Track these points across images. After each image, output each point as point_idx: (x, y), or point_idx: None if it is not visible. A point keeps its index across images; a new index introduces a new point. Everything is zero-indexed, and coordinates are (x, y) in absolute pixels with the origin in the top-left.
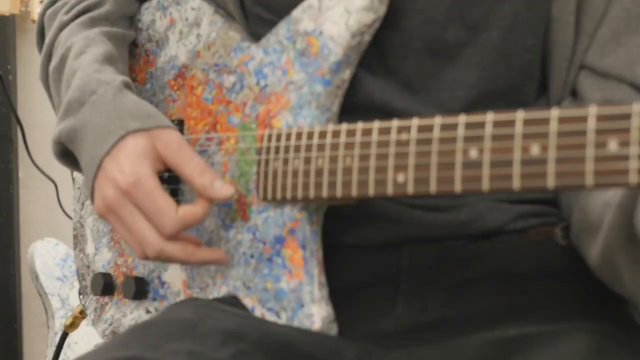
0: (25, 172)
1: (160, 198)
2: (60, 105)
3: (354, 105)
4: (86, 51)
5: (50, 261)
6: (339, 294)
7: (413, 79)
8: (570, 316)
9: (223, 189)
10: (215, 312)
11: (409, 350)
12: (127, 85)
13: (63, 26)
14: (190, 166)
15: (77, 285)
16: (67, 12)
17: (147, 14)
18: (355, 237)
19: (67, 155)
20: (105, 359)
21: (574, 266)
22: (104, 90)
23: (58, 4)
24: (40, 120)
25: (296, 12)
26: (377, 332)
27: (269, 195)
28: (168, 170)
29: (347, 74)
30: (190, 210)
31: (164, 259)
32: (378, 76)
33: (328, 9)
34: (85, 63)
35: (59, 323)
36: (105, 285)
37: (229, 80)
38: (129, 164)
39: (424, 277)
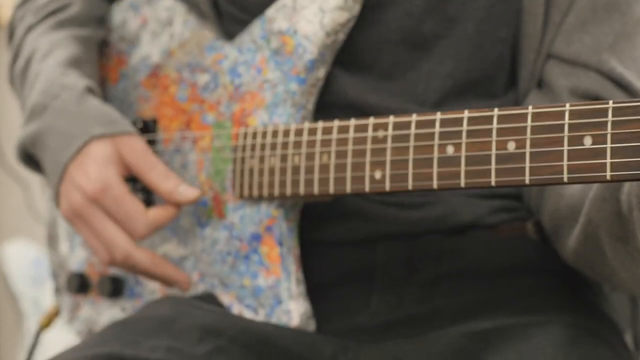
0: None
1: (130, 203)
2: (24, 109)
3: (327, 103)
4: (51, 54)
5: (21, 263)
6: (315, 290)
7: (389, 72)
8: (544, 309)
9: (187, 192)
10: (193, 309)
11: (383, 344)
12: (90, 90)
13: (30, 28)
14: (155, 172)
15: (49, 287)
16: (35, 13)
17: (118, 14)
18: (330, 233)
19: (31, 160)
20: (84, 355)
21: (546, 260)
22: (68, 95)
23: (28, 6)
24: (7, 121)
25: (270, 12)
26: (353, 327)
27: (245, 193)
28: (132, 178)
29: (321, 72)
30: (160, 212)
31: (129, 266)
32: (352, 72)
33: (302, 8)
34: (49, 66)
35: (32, 326)
36: (80, 285)
37: (202, 79)
38: (96, 170)
39: (398, 273)
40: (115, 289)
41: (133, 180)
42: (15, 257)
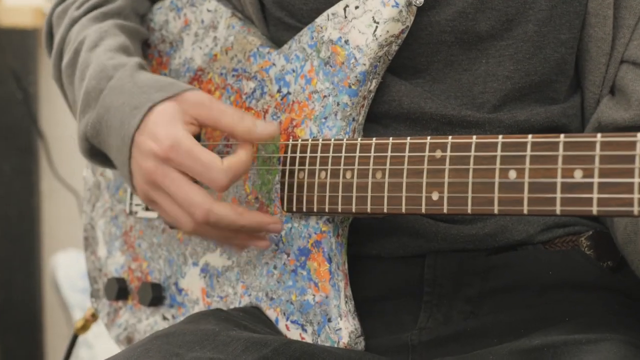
0: (47, 184)
1: (203, 154)
2: (77, 101)
3: (381, 113)
4: (100, 44)
5: (72, 273)
6: (363, 305)
7: (444, 73)
8: (596, 326)
9: (267, 127)
10: (237, 327)
11: None
12: (141, 66)
13: (74, 22)
14: (228, 116)
15: None
16: (78, 7)
17: (159, 14)
18: (378, 248)
19: (96, 153)
20: None
21: (599, 276)
22: (121, 73)
23: (67, 2)
24: (62, 132)
25: (320, 20)
26: (401, 344)
27: (294, 207)
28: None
29: (373, 84)
30: (236, 159)
31: (213, 222)
32: (406, 78)
33: (354, 18)
34: (99, 54)
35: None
36: (119, 290)
37: (248, 86)
38: (162, 130)
39: (446, 288)
40: (155, 296)
41: None
42: (67, 266)
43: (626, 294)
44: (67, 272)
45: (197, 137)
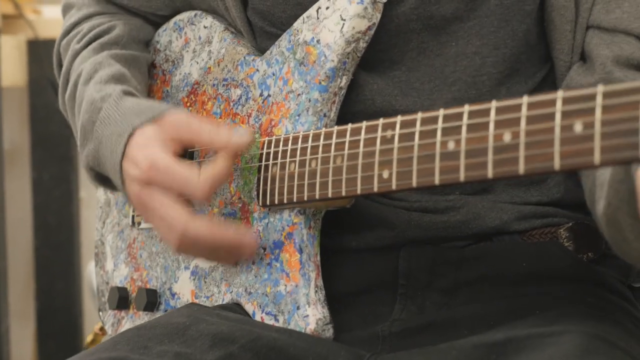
0: (86, 192)
1: (179, 169)
2: (76, 134)
3: (356, 112)
4: (93, 76)
5: None
6: (339, 299)
7: (418, 61)
8: (563, 319)
9: (242, 137)
10: (208, 317)
11: (397, 354)
12: (126, 93)
13: (75, 54)
14: (205, 132)
15: None
16: (79, 40)
17: (164, 36)
18: (353, 240)
19: (104, 179)
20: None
21: (575, 268)
22: (107, 103)
23: (71, 34)
24: None
25: (297, 24)
26: (373, 335)
27: (268, 200)
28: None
29: (343, 81)
30: (212, 169)
31: (192, 240)
32: (383, 72)
33: (325, 18)
34: (90, 87)
35: None
36: (120, 299)
37: (235, 93)
38: (140, 154)
39: (420, 280)
40: (149, 301)
41: None
42: None
43: (604, 286)
44: None
45: (191, 154)
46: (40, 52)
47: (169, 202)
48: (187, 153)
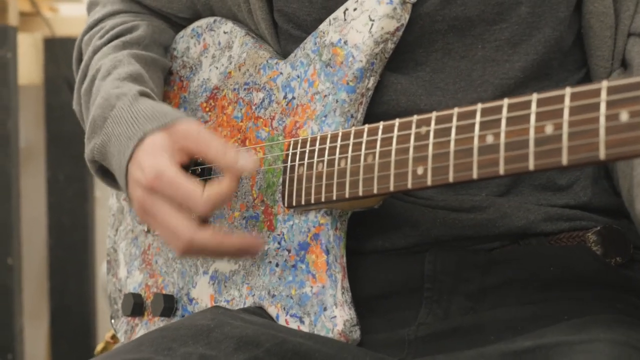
0: (100, 192)
1: (184, 183)
2: (86, 126)
3: (380, 114)
4: (112, 72)
5: None
6: (365, 303)
7: (443, 62)
8: (593, 326)
9: (247, 163)
10: (233, 320)
11: (424, 359)
12: (143, 94)
13: (96, 50)
14: (213, 149)
15: None
16: (102, 37)
17: (182, 42)
18: (380, 241)
19: (106, 173)
20: None
21: (603, 273)
22: (122, 102)
23: (94, 30)
24: None
25: (323, 26)
26: (399, 339)
27: (294, 201)
28: (196, 162)
29: (371, 82)
30: (216, 188)
31: (198, 250)
32: (407, 72)
33: (352, 19)
34: (108, 82)
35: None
36: (134, 305)
37: (257, 96)
38: (148, 161)
39: (446, 283)
40: (167, 307)
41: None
42: None
43: (632, 292)
44: None
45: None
46: (56, 51)
47: (173, 211)
48: (192, 163)
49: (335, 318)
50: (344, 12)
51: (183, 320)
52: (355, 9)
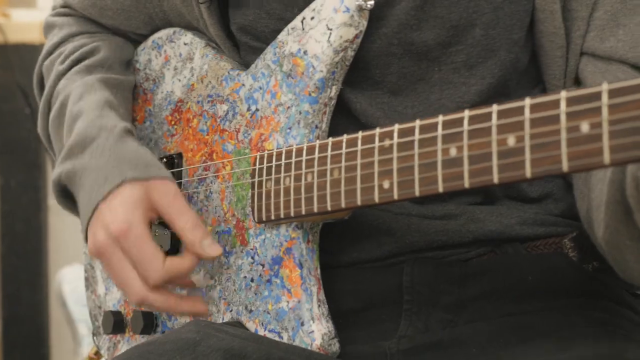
0: (54, 199)
1: (148, 247)
2: (61, 150)
3: (342, 125)
4: (85, 97)
5: (79, 287)
6: (344, 316)
7: (399, 85)
8: (578, 342)
9: (210, 249)
10: (217, 333)
11: None
12: (128, 132)
13: (60, 76)
14: (183, 220)
15: None
16: (63, 62)
17: (143, 55)
18: (354, 253)
19: (66, 197)
20: None
21: (582, 281)
22: (105, 137)
23: (54, 55)
24: None
25: (281, 36)
26: (380, 352)
27: (264, 216)
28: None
29: (333, 91)
30: (177, 262)
31: (147, 308)
32: (366, 89)
33: (311, 29)
34: (87, 108)
35: (86, 350)
36: (115, 323)
37: (222, 109)
38: (122, 211)
39: (425, 295)
40: (147, 324)
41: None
42: (74, 281)
43: (610, 298)
44: (73, 286)
45: (179, 162)
46: (9, 57)
47: (130, 268)
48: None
49: (313, 333)
50: (302, 21)
51: (168, 335)
52: (312, 18)
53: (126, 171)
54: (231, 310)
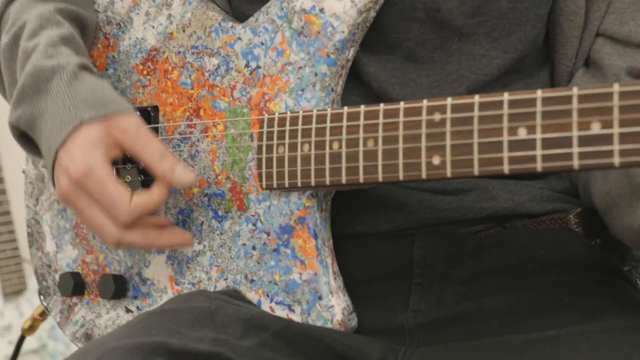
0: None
1: (112, 188)
2: (13, 86)
3: (350, 89)
4: (40, 33)
5: None
6: (352, 287)
7: (416, 51)
8: (604, 313)
9: (184, 176)
10: (231, 302)
11: (436, 347)
12: (83, 68)
13: None
14: (150, 151)
15: None
16: None
17: None
18: (364, 225)
19: (27, 140)
20: (127, 344)
21: (590, 254)
22: (59, 77)
23: None
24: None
25: None
26: (396, 327)
27: (275, 184)
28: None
29: (351, 53)
30: (145, 198)
31: (126, 247)
32: (377, 53)
33: None
34: (40, 47)
35: None
36: (75, 285)
37: (211, 62)
38: (80, 155)
39: (437, 269)
40: (119, 288)
41: (138, 169)
42: None
43: (618, 273)
44: None
45: (155, 116)
46: None
47: (99, 211)
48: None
49: (333, 307)
50: None
51: (177, 304)
52: None
53: (83, 112)
54: (226, 279)
